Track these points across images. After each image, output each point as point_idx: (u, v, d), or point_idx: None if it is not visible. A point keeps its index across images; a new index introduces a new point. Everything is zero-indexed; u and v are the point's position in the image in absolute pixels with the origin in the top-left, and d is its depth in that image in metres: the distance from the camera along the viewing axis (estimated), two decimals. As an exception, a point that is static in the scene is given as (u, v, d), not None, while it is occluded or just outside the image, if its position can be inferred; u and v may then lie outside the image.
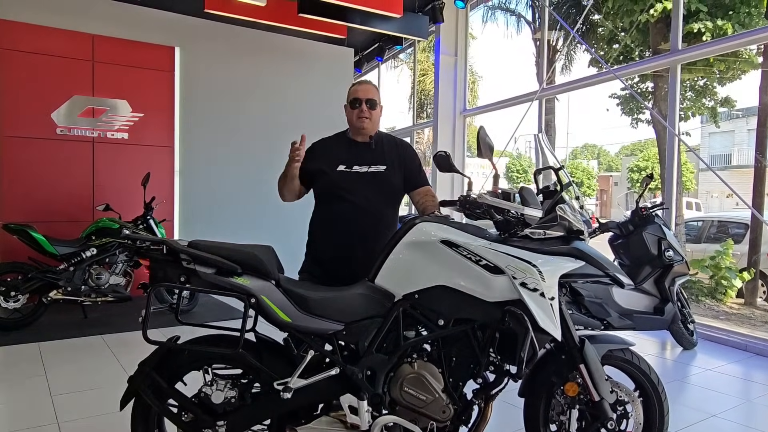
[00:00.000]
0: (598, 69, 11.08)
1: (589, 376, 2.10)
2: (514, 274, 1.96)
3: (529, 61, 13.71)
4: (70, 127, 6.10)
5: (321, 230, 2.65)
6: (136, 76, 6.46)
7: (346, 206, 2.53)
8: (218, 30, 7.06)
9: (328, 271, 2.54)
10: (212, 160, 6.99)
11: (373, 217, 2.56)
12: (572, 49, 14.19)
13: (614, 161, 51.60)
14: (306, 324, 1.99)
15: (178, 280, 1.97)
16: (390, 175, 2.60)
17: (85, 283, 5.08)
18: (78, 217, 6.01)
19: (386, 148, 2.66)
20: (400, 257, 2.09)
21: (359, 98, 2.58)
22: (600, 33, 10.78)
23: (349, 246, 2.53)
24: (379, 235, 2.51)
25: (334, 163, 2.57)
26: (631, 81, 10.68)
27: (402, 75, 18.36)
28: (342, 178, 2.55)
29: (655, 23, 8.96)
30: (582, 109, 49.36)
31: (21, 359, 4.10)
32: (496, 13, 12.71)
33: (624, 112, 10.91)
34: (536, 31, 12.48)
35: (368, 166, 2.58)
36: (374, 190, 2.57)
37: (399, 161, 2.64)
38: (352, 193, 2.53)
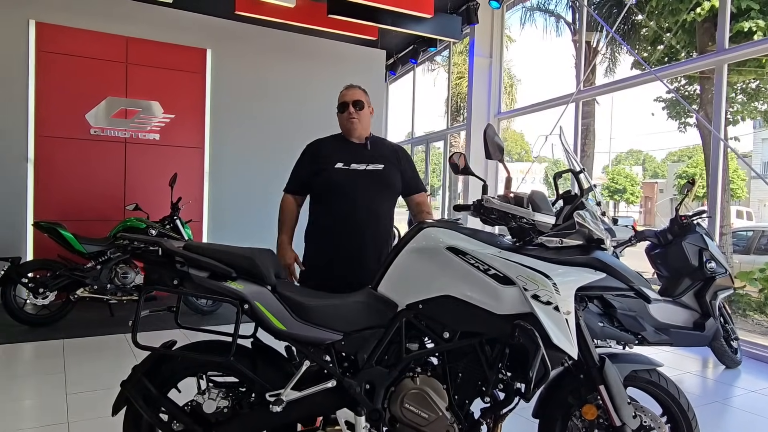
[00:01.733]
0: (641, 71, 10.66)
1: (609, 399, 1.92)
2: (526, 285, 1.80)
3: (569, 64, 13.35)
4: (103, 128, 6.21)
5: (322, 228, 2.63)
6: (168, 77, 6.53)
7: (347, 203, 2.55)
8: (249, 32, 7.09)
9: (330, 269, 2.55)
10: (241, 161, 7.00)
11: (373, 214, 2.59)
12: (616, 50, 13.74)
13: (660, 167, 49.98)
14: (302, 332, 1.88)
15: (171, 283, 1.90)
16: (388, 174, 2.63)
17: (111, 282, 5.13)
18: (109, 216, 6.11)
19: (382, 149, 2.71)
20: (405, 264, 1.96)
21: (346, 101, 2.66)
22: (643, 34, 10.37)
23: (350, 243, 2.54)
24: (378, 232, 2.59)
25: (332, 161, 2.59)
26: (677, 83, 10.23)
27: (438, 78, 18.18)
28: (341, 175, 2.56)
29: (702, 22, 8.54)
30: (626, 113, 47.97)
31: (44, 356, 4.15)
32: (534, 15, 12.40)
33: (670, 116, 10.44)
34: (576, 32, 12.11)
35: (366, 164, 2.60)
36: (373, 188, 2.59)
37: (396, 162, 2.69)
38: (352, 190, 2.55)
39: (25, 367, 3.93)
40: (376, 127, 8.24)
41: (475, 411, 1.95)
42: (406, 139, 14.58)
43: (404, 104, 13.73)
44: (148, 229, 5.29)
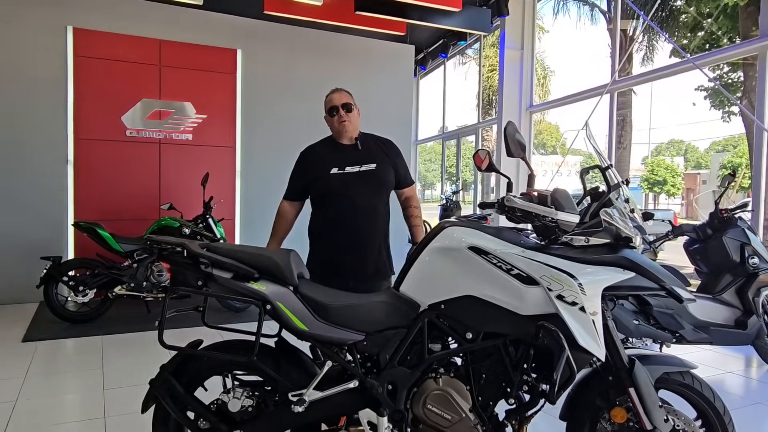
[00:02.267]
0: (680, 59, 10.31)
1: (639, 402, 1.86)
2: (550, 286, 1.76)
3: (604, 53, 12.99)
4: (138, 130, 6.37)
5: (324, 231, 2.74)
6: (200, 78, 6.65)
7: (345, 205, 2.66)
8: (277, 31, 7.14)
9: (334, 264, 2.68)
10: (272, 159, 7.07)
11: (371, 213, 2.71)
12: (654, 38, 13.31)
13: (703, 158, 48.33)
14: (324, 333, 1.88)
15: (196, 284, 1.92)
16: (381, 172, 2.73)
17: (147, 280, 5.25)
18: (145, 216, 6.26)
19: (372, 147, 2.79)
20: (427, 264, 1.94)
21: (335, 105, 2.75)
22: (682, 20, 10.01)
23: (351, 240, 2.67)
24: (376, 227, 2.74)
25: (327, 167, 2.68)
26: (719, 71, 9.85)
27: (470, 71, 17.98)
28: (337, 179, 2.66)
29: (746, 6, 8.18)
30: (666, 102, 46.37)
31: (83, 352, 4.29)
32: (568, 4, 12.12)
33: (713, 105, 10.05)
34: (611, 20, 11.78)
35: (359, 165, 2.70)
36: (368, 187, 2.70)
37: (387, 157, 2.78)
38: (349, 193, 2.66)
39: (66, 362, 4.07)
40: (405, 124, 8.21)
41: (500, 413, 1.92)
42: (437, 133, 14.49)
43: (435, 99, 13.66)
44: (182, 227, 5.40)
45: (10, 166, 5.86)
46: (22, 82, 5.88)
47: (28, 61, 5.90)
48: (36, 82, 5.93)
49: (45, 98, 5.97)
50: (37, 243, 5.92)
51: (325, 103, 2.82)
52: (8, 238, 5.83)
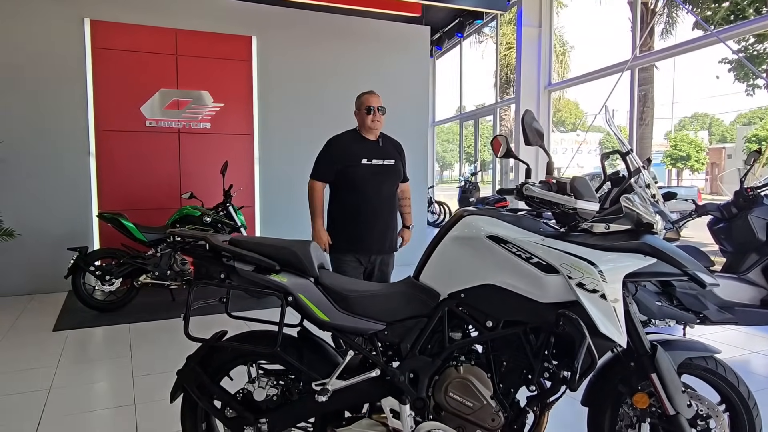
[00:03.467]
0: (704, 31, 10.03)
1: (662, 387, 1.85)
2: (570, 273, 1.75)
3: (625, 27, 12.65)
4: (158, 120, 6.43)
5: (351, 212, 3.20)
6: (216, 66, 6.67)
7: (372, 190, 3.18)
8: (292, 16, 7.11)
9: (357, 240, 3.18)
10: (290, 146, 7.10)
11: (390, 198, 3.28)
12: (674, 10, 12.94)
13: (729, 131, 47.14)
14: (345, 323, 1.91)
15: (218, 277, 1.96)
16: (397, 167, 3.30)
17: (170, 268, 5.35)
18: (166, 205, 6.35)
19: (389, 145, 3.33)
20: (446, 253, 1.94)
21: (372, 106, 3.21)
22: None
23: (374, 219, 3.19)
24: (393, 210, 3.33)
25: (359, 157, 3.16)
26: (744, 42, 9.57)
27: (487, 50, 17.71)
28: (367, 169, 3.17)
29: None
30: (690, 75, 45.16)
31: (112, 340, 4.41)
32: (586, -22, 11.79)
33: (737, 78, 9.78)
34: (632, -7, 11.46)
35: (383, 159, 3.22)
36: (389, 178, 3.25)
37: (399, 156, 3.35)
38: (376, 181, 3.19)
39: (95, 351, 4.19)
40: (422, 105, 8.15)
41: (521, 399, 1.93)
42: (455, 114, 14.36)
43: (452, 79, 13.51)
44: (203, 216, 5.47)
45: (34, 160, 5.98)
46: (43, 77, 5.97)
47: (47, 55, 5.98)
48: (56, 75, 6.01)
49: (65, 91, 6.05)
50: (64, 234, 6.06)
51: (361, 101, 3.25)
52: (35, 231, 5.97)
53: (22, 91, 5.91)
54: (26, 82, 5.92)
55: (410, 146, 7.81)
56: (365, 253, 3.22)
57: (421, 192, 8.05)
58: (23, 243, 5.86)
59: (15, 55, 5.87)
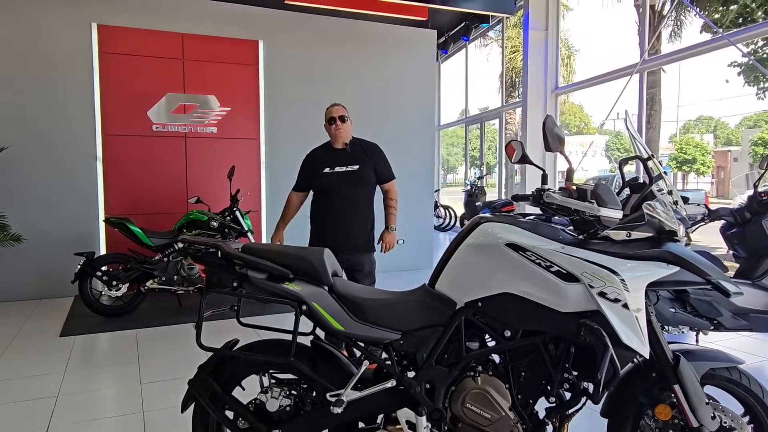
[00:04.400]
0: (712, 34, 9.96)
1: (684, 399, 1.81)
2: (591, 282, 1.71)
3: (632, 31, 12.58)
4: (164, 124, 6.42)
5: (319, 217, 3.55)
6: (223, 71, 6.65)
7: (335, 197, 3.44)
8: (298, 21, 7.09)
9: (327, 240, 3.35)
10: (296, 150, 6.99)
11: (352, 203, 3.46)
12: (682, 13, 12.88)
13: (734, 134, 46.93)
14: (360, 332, 1.87)
15: (231, 285, 1.93)
16: (362, 172, 3.47)
17: (177, 273, 5.33)
18: (173, 210, 6.34)
19: (359, 151, 3.52)
20: (462, 261, 1.91)
21: (334, 116, 3.49)
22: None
23: (339, 224, 3.44)
24: (359, 215, 3.49)
25: (321, 166, 3.46)
26: (754, 45, 9.50)
27: (492, 53, 17.68)
28: (328, 177, 3.44)
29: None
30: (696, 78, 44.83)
31: (120, 346, 4.38)
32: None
33: (747, 81, 9.71)
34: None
35: (346, 166, 3.45)
36: (351, 184, 3.45)
37: (369, 160, 3.51)
38: (337, 188, 3.43)
39: (103, 357, 4.16)
40: (428, 109, 8.11)
41: (540, 411, 1.89)
42: (459, 118, 14.33)
43: (457, 82, 13.49)
44: (210, 221, 5.45)
45: (41, 165, 5.97)
46: (49, 81, 5.97)
47: (54, 60, 5.98)
48: (63, 80, 6.01)
49: (72, 96, 6.05)
50: (70, 239, 6.05)
51: (326, 114, 3.54)
52: (42, 235, 5.96)
53: (29, 96, 5.91)
54: (33, 86, 5.92)
55: (417, 150, 7.83)
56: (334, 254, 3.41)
57: (428, 195, 8.01)
58: (30, 248, 5.85)
59: (22, 59, 5.87)
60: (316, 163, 3.51)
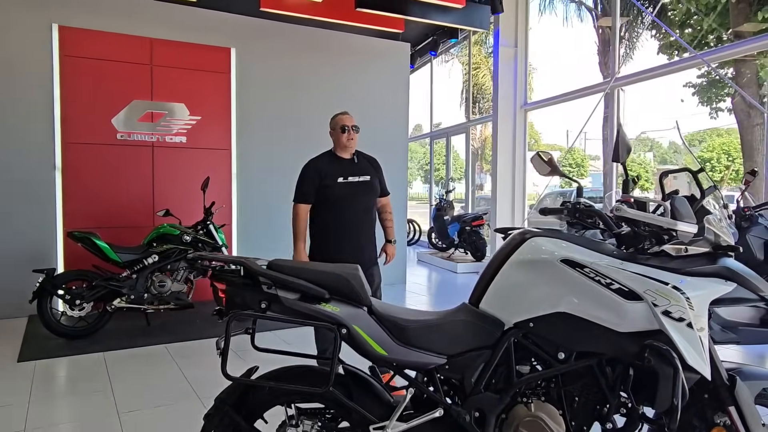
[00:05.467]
0: (668, 56, 10.38)
1: (741, 421, 1.74)
2: (655, 301, 1.63)
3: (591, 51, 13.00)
4: (130, 132, 6.07)
5: (330, 229, 3.30)
6: (193, 78, 6.38)
7: (348, 209, 3.27)
8: (272, 29, 6.91)
9: (335, 255, 3.18)
10: (269, 162, 6.85)
11: (367, 214, 3.36)
12: (634, 36, 13.41)
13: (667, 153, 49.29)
14: (403, 357, 1.72)
15: (258, 307, 1.73)
16: (373, 183, 3.39)
17: (147, 291, 5.00)
18: (140, 223, 5.98)
19: (365, 162, 3.42)
20: (510, 278, 1.79)
21: (347, 125, 3.33)
22: (670, 16, 10.07)
23: (352, 235, 3.27)
24: (370, 225, 3.39)
25: (333, 176, 3.27)
26: (707, 68, 9.95)
27: (453, 70, 17.91)
28: (343, 187, 3.28)
29: (737, 3, 8.25)
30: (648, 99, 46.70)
31: (87, 371, 4.02)
32: (554, 2, 12.12)
33: (702, 101, 10.15)
34: (599, 17, 11.82)
35: (358, 176, 3.33)
36: (365, 194, 3.35)
37: (375, 172, 3.44)
38: (352, 198, 3.29)
39: (70, 384, 3.81)
40: (401, 121, 8.04)
41: (592, 437, 1.78)
42: (425, 132, 14.37)
43: (421, 97, 13.54)
44: (182, 235, 5.16)
45: (-7, 173, 5.51)
46: (5, 84, 5.54)
47: (10, 62, 5.56)
48: (20, 83, 5.59)
49: (30, 101, 5.64)
50: (24, 255, 5.59)
51: (336, 121, 3.36)
52: (-7, 250, 5.49)
53: (-19, 100, 5.46)
54: (-14, 89, 5.48)
55: (390, 162, 7.67)
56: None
57: (401, 209, 7.91)
58: (-21, 264, 5.37)
59: (-26, 60, 5.43)
60: (325, 172, 3.30)
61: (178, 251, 5.15)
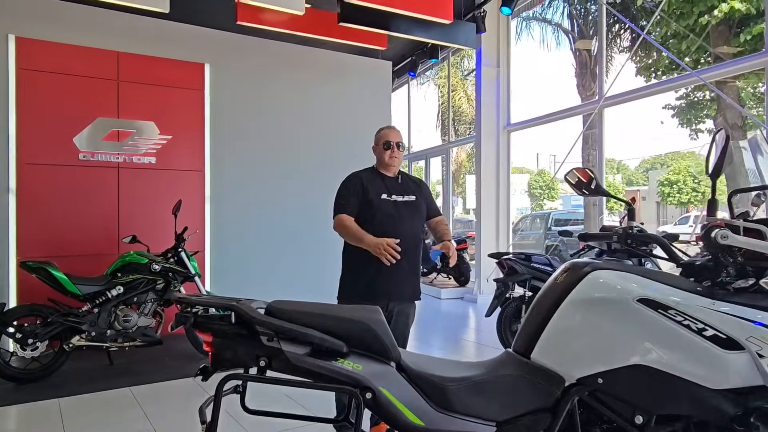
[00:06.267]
0: (645, 78, 10.40)
1: None
2: (761, 351, 1.30)
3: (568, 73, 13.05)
4: (93, 152, 5.60)
5: (368, 255, 2.71)
6: (164, 95, 5.96)
7: (393, 227, 2.85)
8: (249, 45, 6.56)
9: (373, 283, 2.81)
10: (245, 184, 6.44)
11: (414, 238, 2.95)
12: (609, 58, 13.52)
13: (634, 175, 50.46)
14: (445, 427, 1.35)
15: (256, 364, 1.35)
16: (419, 204, 3.03)
17: (110, 327, 4.50)
18: (103, 251, 5.48)
19: (409, 182, 3.09)
20: (571, 322, 1.45)
21: (391, 141, 2.97)
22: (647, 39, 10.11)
23: (398, 264, 2.71)
24: (417, 250, 2.97)
25: (378, 192, 2.92)
26: (685, 90, 9.99)
27: (429, 92, 17.82)
28: (389, 205, 2.91)
29: (717, 26, 8.29)
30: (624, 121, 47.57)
31: (39, 421, 3.51)
32: (531, 24, 12.12)
33: (681, 123, 10.18)
34: (576, 40, 11.85)
35: (403, 196, 2.98)
36: (411, 215, 2.97)
37: (420, 194, 3.07)
38: (398, 217, 2.91)
39: (18, 439, 3.29)
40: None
41: None
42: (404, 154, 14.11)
43: (397, 119, 13.33)
44: (151, 264, 4.70)
45: (-63, 197, 4.96)
46: (-47, 99, 5.04)
47: (-40, 75, 5.06)
48: (-30, 98, 5.09)
49: (-19, 117, 5.13)
50: (-29, 287, 5.02)
51: (380, 136, 3.03)
52: (-65, 282, 4.90)
53: (-75, 116, 4.94)
54: (-69, 105, 4.96)
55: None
56: (383, 299, 2.80)
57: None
58: None
59: None
60: (367, 185, 2.91)
61: (146, 282, 4.68)
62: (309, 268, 6.57)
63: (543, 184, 39.93)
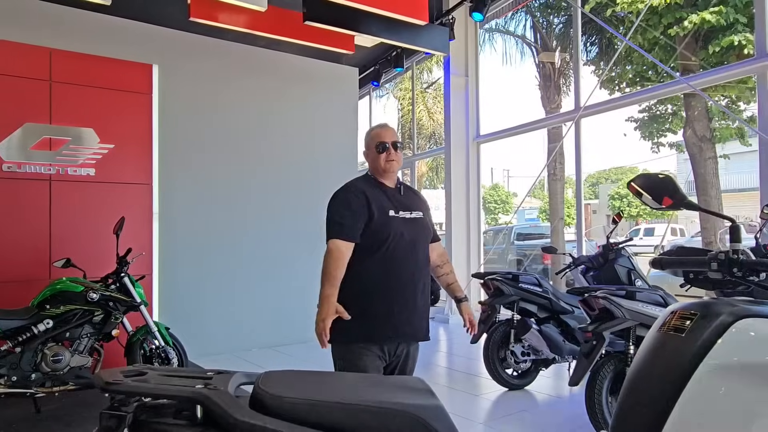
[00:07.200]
0: (609, 91, 10.37)
1: None
2: None
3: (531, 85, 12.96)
4: (20, 163, 4.85)
5: (377, 285, 2.36)
6: (105, 99, 5.28)
7: (406, 250, 2.41)
8: (203, 45, 5.98)
9: (391, 317, 2.35)
10: (198, 199, 5.83)
11: (425, 264, 2.52)
12: (567, 73, 13.56)
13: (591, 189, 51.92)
14: None
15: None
16: (426, 221, 2.58)
17: (37, 369, 3.80)
18: (30, 276, 4.72)
19: (413, 196, 2.62)
20: (711, 397, 0.98)
21: (385, 141, 2.51)
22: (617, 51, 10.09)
23: (411, 290, 2.42)
24: (428, 286, 2.51)
25: (385, 208, 2.42)
26: (649, 103, 9.98)
27: (388, 105, 17.54)
28: (397, 225, 2.41)
29: (684, 37, 8.26)
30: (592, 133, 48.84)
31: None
32: (494, 36, 11.99)
33: (644, 136, 10.18)
34: (539, 52, 11.77)
35: (410, 212, 2.52)
36: (421, 234, 2.52)
37: (426, 211, 2.62)
38: (408, 240, 2.42)
39: None
40: (349, 151, 7.30)
41: None
42: (362, 168, 13.69)
43: (359, 131, 12.93)
44: (87, 291, 4.04)
45: None
46: None
47: None
48: None
49: None
50: None
51: (371, 137, 2.56)
52: None
53: None
54: None
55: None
56: (394, 339, 2.36)
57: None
58: None
59: None
60: (371, 200, 2.40)
61: (81, 313, 4.02)
62: (274, 294, 6.00)
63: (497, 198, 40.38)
